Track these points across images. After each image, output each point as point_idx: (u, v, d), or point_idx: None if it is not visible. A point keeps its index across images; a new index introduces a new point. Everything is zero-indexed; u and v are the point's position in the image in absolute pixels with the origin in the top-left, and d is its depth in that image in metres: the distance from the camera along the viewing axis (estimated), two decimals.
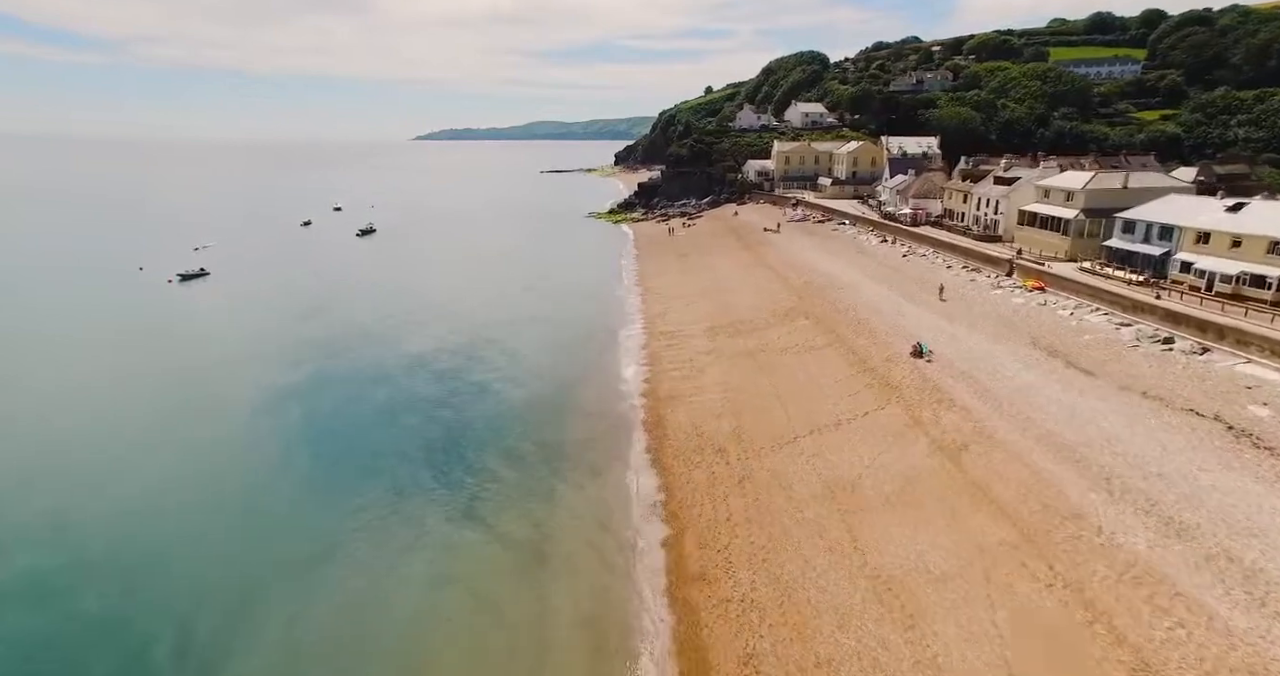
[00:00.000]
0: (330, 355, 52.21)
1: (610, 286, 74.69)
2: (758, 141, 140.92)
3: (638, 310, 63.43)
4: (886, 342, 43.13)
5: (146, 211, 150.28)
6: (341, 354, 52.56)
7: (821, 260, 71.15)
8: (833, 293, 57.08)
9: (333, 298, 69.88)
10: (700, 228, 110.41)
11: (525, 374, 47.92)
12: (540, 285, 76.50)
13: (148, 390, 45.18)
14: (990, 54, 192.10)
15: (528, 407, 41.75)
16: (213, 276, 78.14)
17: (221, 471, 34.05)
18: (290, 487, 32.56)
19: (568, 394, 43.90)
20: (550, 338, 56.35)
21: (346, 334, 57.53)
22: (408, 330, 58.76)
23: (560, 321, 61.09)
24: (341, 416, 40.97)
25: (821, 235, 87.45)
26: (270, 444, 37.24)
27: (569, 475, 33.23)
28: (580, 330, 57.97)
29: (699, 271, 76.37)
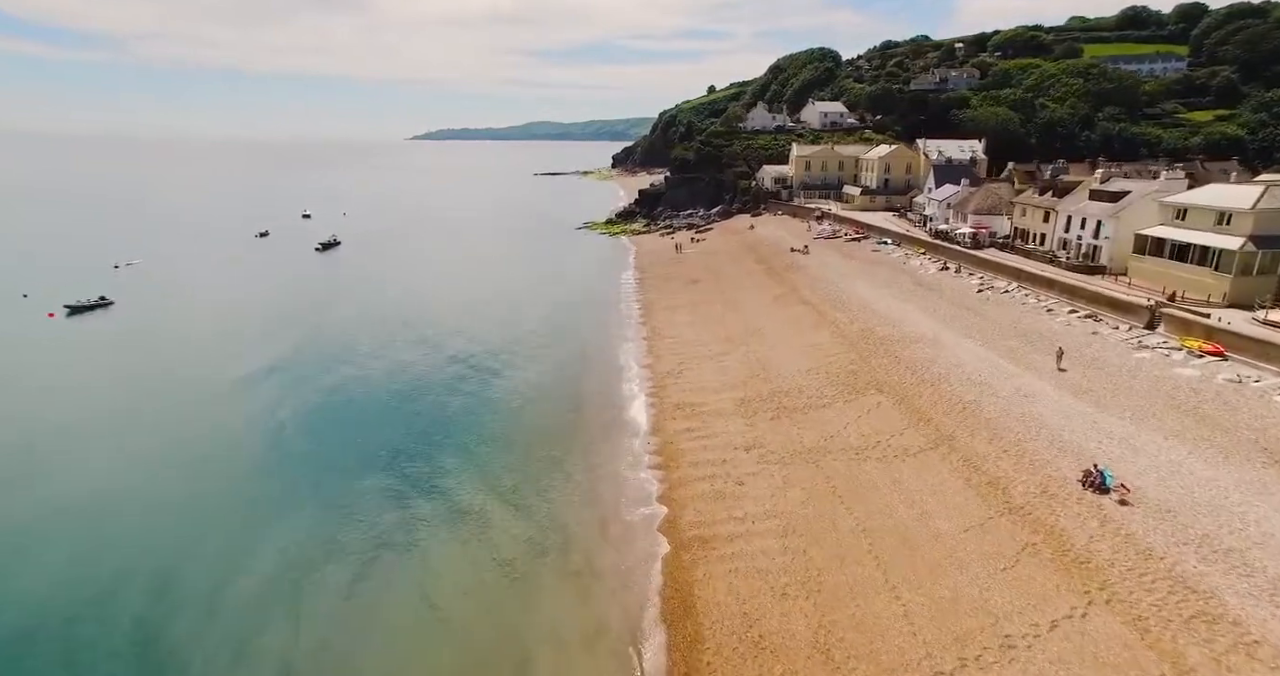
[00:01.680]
0: (207, 456, 37.67)
1: (606, 329, 60.15)
2: (772, 144, 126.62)
3: (643, 365, 48.92)
4: (1026, 451, 28.62)
5: (86, 216, 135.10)
6: (226, 453, 38.00)
7: (874, 295, 56.72)
8: (905, 349, 42.61)
9: (243, 351, 55.14)
10: (712, 244, 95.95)
11: (484, 502, 33.40)
12: (517, 328, 61.94)
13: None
14: (1018, 51, 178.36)
15: (481, 583, 26.71)
16: (116, 308, 63.40)
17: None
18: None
19: (546, 532, 29.41)
20: (523, 421, 41.80)
21: (244, 414, 42.98)
22: (319, 419, 44.07)
23: (540, 391, 46.49)
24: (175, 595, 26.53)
25: (861, 258, 73.02)
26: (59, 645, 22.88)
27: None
28: (564, 403, 43.42)
29: (717, 307, 61.89)
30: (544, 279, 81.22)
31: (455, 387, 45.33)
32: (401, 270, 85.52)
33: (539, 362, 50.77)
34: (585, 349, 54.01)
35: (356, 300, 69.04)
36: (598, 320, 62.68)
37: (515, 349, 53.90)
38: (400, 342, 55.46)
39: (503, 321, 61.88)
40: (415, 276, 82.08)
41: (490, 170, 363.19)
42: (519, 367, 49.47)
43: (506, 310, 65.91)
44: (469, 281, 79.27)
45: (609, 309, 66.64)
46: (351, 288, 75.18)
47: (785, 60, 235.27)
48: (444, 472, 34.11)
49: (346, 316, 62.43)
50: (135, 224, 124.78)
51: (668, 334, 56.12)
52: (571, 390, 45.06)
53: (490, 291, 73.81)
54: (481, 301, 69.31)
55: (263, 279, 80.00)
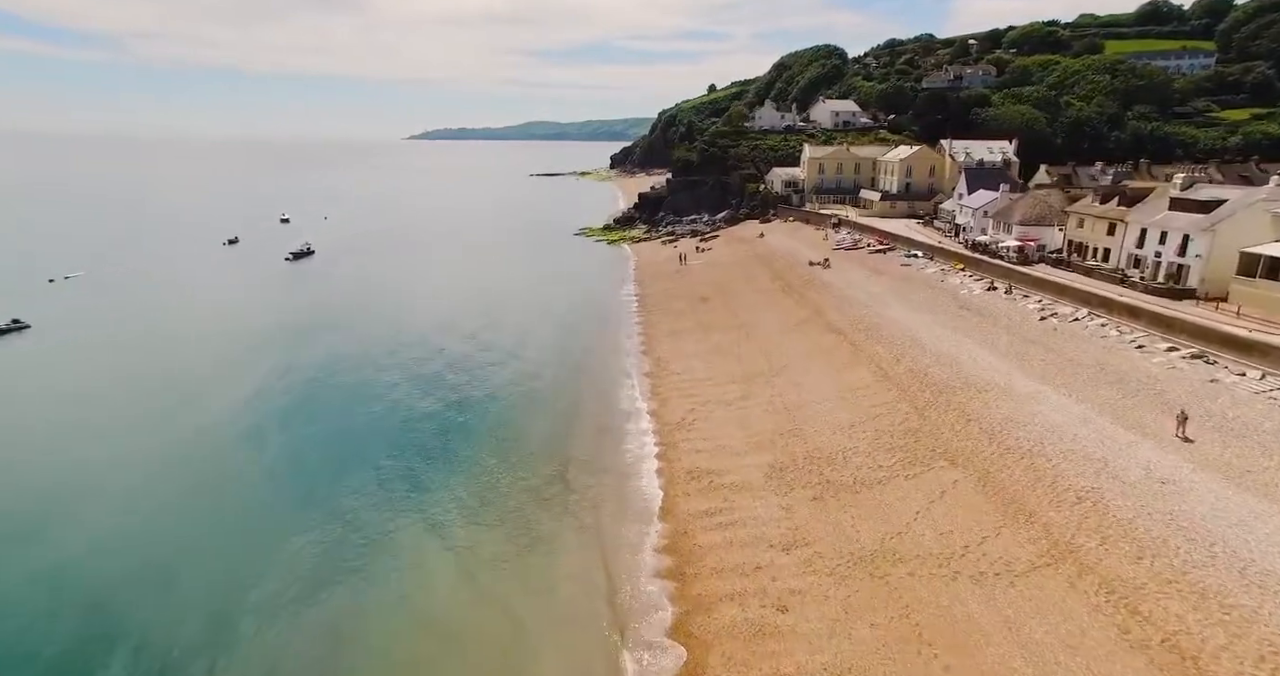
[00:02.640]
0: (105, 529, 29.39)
1: (602, 360, 51.89)
2: (782, 145, 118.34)
3: (647, 411, 40.71)
4: (1207, 589, 19.98)
5: (45, 217, 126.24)
6: (132, 520, 29.72)
7: (915, 321, 48.43)
8: (973, 399, 34.34)
9: (167, 394, 46.87)
10: (719, 254, 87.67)
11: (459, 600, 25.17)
12: (500, 359, 53.64)
13: None
14: (1034, 47, 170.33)
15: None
16: (31, 333, 54.92)
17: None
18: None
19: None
20: (498, 493, 33.55)
21: (159, 466, 34.68)
22: (237, 492, 35.80)
23: (522, 447, 38.24)
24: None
25: (891, 273, 64.76)
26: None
27: None
28: (551, 467, 35.10)
29: (731, 333, 53.59)
30: (534, 295, 72.91)
31: (418, 448, 37.03)
32: (373, 285, 76.99)
33: (523, 405, 42.47)
34: (578, 387, 45.68)
35: (315, 326, 60.57)
36: (593, 348, 54.36)
37: (495, 386, 45.58)
38: (349, 382, 47.09)
39: (484, 351, 53.54)
40: (387, 292, 73.59)
41: (485, 171, 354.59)
42: (498, 413, 41.16)
43: (490, 336, 57.55)
44: (449, 299, 70.86)
45: (606, 333, 58.34)
46: (314, 308, 66.72)
47: (790, 57, 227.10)
48: (372, 611, 25.84)
49: (296, 350, 53.93)
50: (98, 228, 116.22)
51: (674, 368, 47.81)
52: (559, 448, 36.72)
53: (473, 312, 65.44)
54: (462, 324, 60.96)
55: (216, 296, 71.54)
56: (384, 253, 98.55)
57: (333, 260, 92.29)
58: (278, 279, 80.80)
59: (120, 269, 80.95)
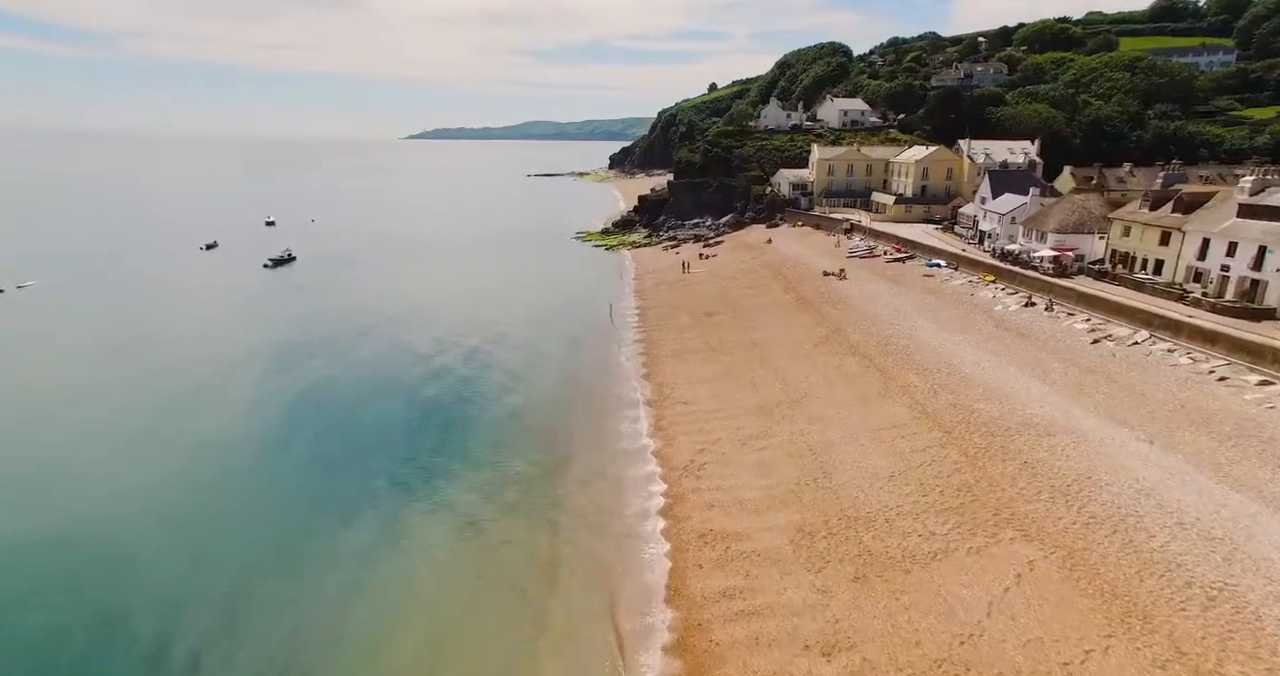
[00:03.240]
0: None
1: (599, 385, 46.55)
2: (789, 145, 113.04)
3: (649, 451, 35.39)
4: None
5: (11, 219, 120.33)
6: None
7: (949, 343, 43.14)
8: (1035, 445, 29.05)
9: (121, 427, 41.60)
10: (725, 261, 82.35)
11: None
12: (487, 380, 48.35)
13: None
14: (1045, 45, 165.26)
15: None
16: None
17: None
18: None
19: None
20: (465, 567, 28.30)
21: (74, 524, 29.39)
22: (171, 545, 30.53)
23: (502, 500, 32.97)
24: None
25: (913, 285, 59.47)
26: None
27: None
28: (537, 527, 29.77)
29: (742, 354, 48.23)
30: (526, 306, 67.58)
31: (391, 484, 31.70)
32: (352, 297, 71.36)
33: (511, 442, 37.12)
34: (572, 420, 40.32)
35: (282, 345, 55.19)
36: (590, 370, 49.00)
37: (479, 420, 40.25)
38: (308, 412, 41.73)
39: (468, 375, 48.21)
40: (367, 304, 68.02)
41: (482, 171, 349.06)
42: (481, 454, 35.83)
43: (475, 357, 52.20)
44: (433, 312, 65.43)
45: (604, 352, 52.98)
46: (286, 324, 61.28)
47: (793, 56, 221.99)
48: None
49: (258, 375, 48.58)
50: (67, 231, 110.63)
51: (680, 395, 42.50)
52: (547, 500, 31.40)
53: (458, 329, 60.07)
54: (445, 342, 55.60)
55: (180, 309, 66.10)
56: (369, 259, 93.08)
57: (314, 267, 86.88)
58: (253, 289, 75.36)
59: (79, 277, 75.50)
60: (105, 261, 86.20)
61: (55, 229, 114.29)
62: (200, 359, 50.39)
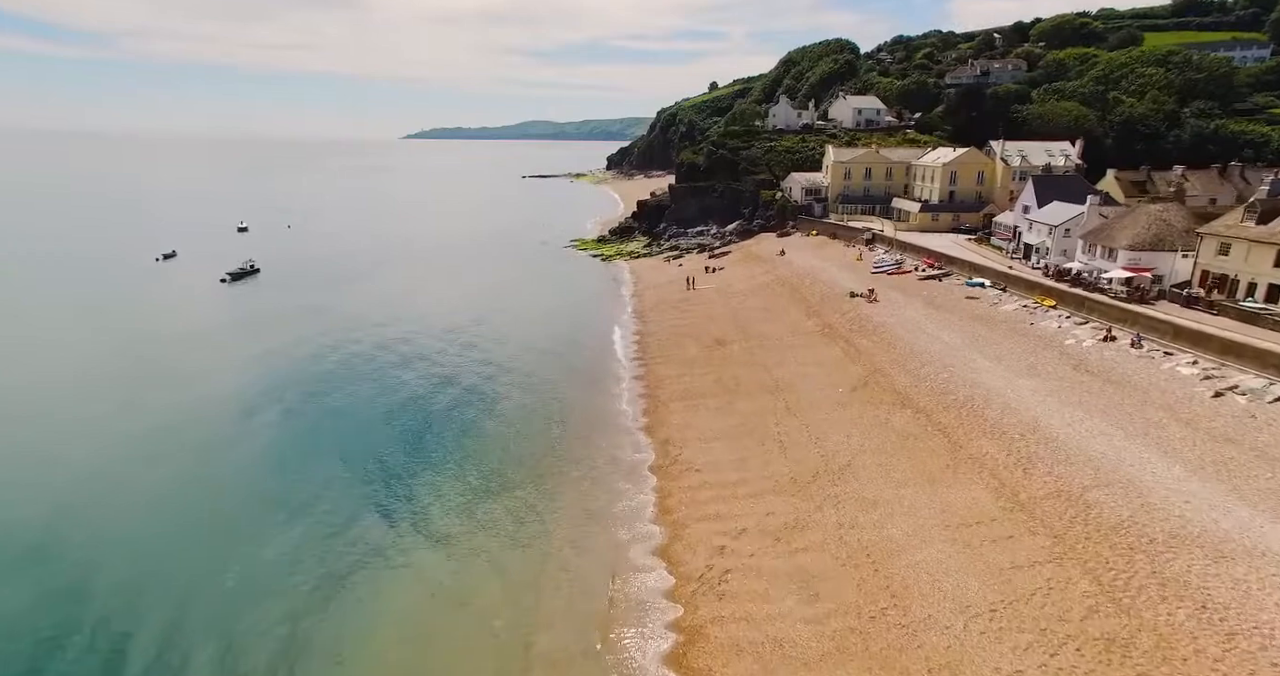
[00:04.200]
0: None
1: (589, 442, 38.29)
2: (800, 146, 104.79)
3: (651, 552, 27.15)
4: None
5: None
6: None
7: (1024, 394, 34.88)
8: (1206, 573, 20.81)
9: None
10: (734, 276, 74.11)
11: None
12: (450, 436, 40.13)
13: None
14: (1065, 40, 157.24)
15: None
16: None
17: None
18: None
19: None
20: None
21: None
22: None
23: (451, 626, 24.77)
24: None
25: (955, 309, 51.23)
26: None
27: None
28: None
29: (764, 399, 39.95)
30: (509, 331, 59.30)
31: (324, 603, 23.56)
32: (312, 319, 62.63)
33: (467, 566, 28.80)
34: (553, 503, 31.98)
35: (219, 381, 46.95)
36: (578, 418, 40.69)
37: (430, 509, 31.99)
38: (233, 473, 33.48)
39: (430, 427, 39.92)
40: (326, 330, 59.44)
41: (477, 172, 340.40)
42: (427, 564, 27.58)
43: (441, 401, 43.90)
44: (400, 341, 56.86)
45: (597, 394, 44.68)
46: (230, 353, 53.00)
47: (798, 53, 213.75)
48: None
49: (184, 422, 40.36)
50: (14, 236, 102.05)
51: (690, 457, 34.28)
52: (518, 639, 23.11)
53: (427, 362, 51.80)
54: (406, 383, 47.34)
55: (118, 334, 57.62)
56: (337, 273, 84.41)
57: (278, 282, 78.51)
58: (202, 308, 67.04)
59: (7, 294, 67.11)
60: (39, 273, 77.87)
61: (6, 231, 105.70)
62: (103, 405, 42.08)
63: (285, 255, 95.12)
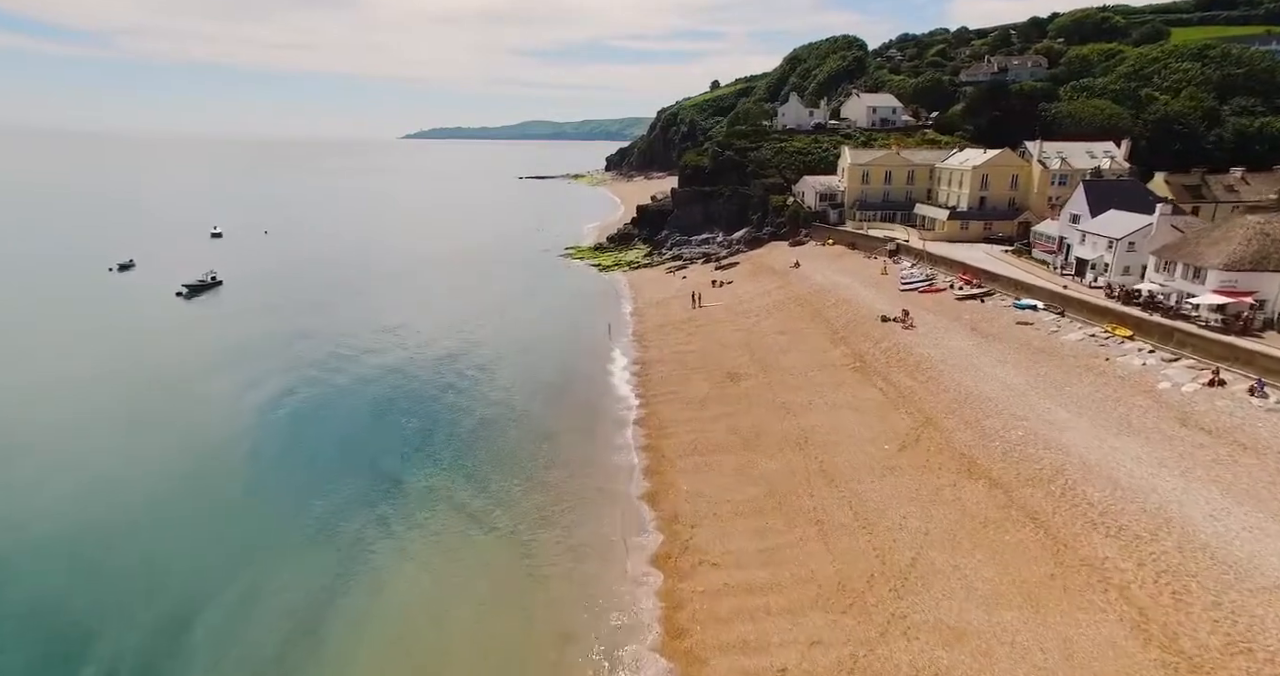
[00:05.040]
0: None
1: (576, 517, 30.87)
2: (812, 147, 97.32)
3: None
4: None
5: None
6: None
7: (1130, 462, 27.44)
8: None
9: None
10: (743, 290, 66.72)
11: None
12: (398, 512, 32.79)
13: None
14: (1086, 35, 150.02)
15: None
16: None
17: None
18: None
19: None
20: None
21: None
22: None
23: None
24: None
25: (1006, 337, 43.78)
26: None
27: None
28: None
29: (791, 457, 32.54)
30: (495, 360, 51.89)
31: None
32: (267, 346, 55.20)
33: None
34: (535, 606, 24.66)
35: (140, 431, 39.61)
36: (564, 486, 33.25)
37: (373, 600, 24.65)
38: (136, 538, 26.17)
39: (390, 482, 32.56)
40: (277, 361, 52.10)
41: (473, 172, 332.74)
42: None
43: (397, 453, 36.54)
44: (366, 381, 49.52)
45: (588, 450, 37.24)
46: (166, 387, 45.64)
47: (804, 50, 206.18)
48: None
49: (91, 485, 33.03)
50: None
51: (705, 545, 26.90)
52: None
53: (397, 405, 44.47)
54: (367, 441, 40.01)
55: (35, 363, 50.22)
56: (310, 286, 76.94)
57: (241, 296, 71.09)
58: (148, 328, 59.58)
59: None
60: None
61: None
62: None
63: (256, 264, 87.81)
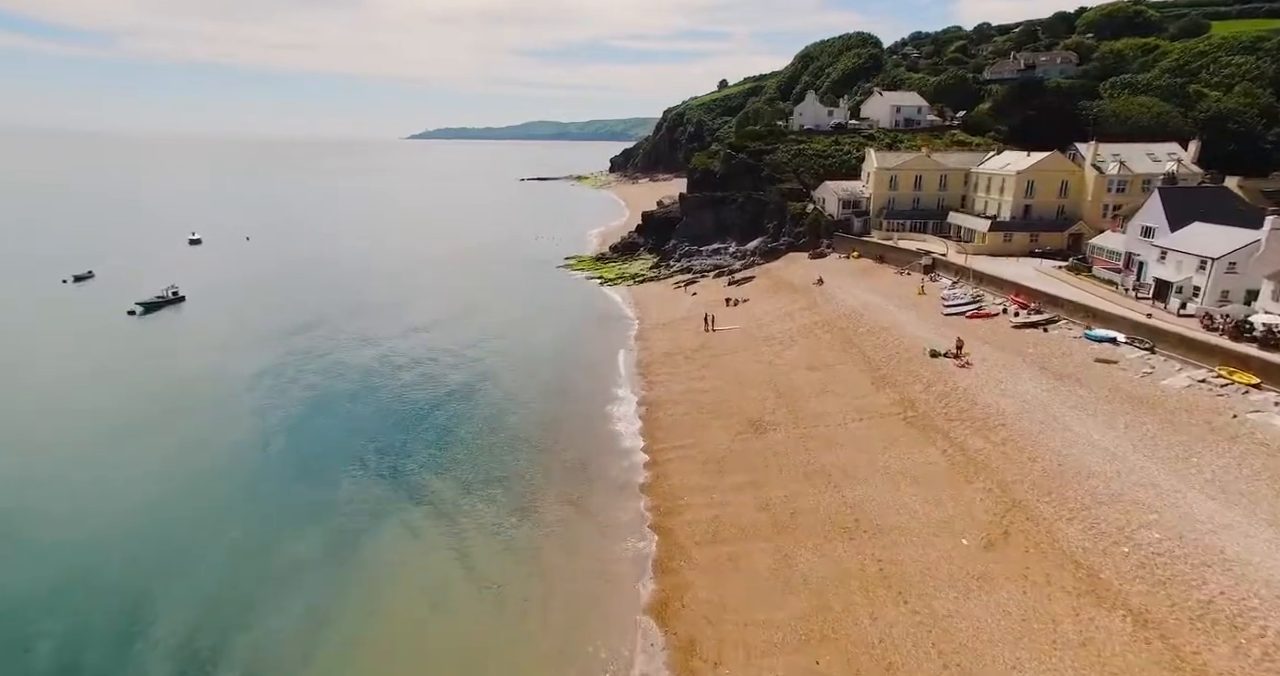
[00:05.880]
0: None
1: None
2: (832, 150, 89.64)
3: None
4: None
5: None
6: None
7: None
8: None
9: None
10: (762, 310, 59.20)
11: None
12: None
13: None
14: (1117, 30, 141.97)
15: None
16: None
17: None
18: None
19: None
20: None
21: None
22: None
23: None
24: None
25: (1083, 379, 36.07)
26: None
27: None
28: None
29: (837, 551, 24.96)
30: (478, 403, 44.52)
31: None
32: (210, 388, 47.92)
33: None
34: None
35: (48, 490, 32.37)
36: (557, 580, 25.85)
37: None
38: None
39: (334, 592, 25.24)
40: (225, 399, 44.94)
41: (474, 173, 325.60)
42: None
43: (364, 519, 29.19)
44: (318, 443, 42.37)
45: (583, 520, 29.82)
46: (88, 436, 38.42)
47: (815, 47, 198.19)
48: None
49: None
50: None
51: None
52: None
53: (360, 459, 37.18)
54: (315, 513, 32.71)
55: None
56: (283, 303, 69.52)
57: (202, 314, 63.98)
58: (87, 353, 52.38)
59: None
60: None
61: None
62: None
63: (230, 275, 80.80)
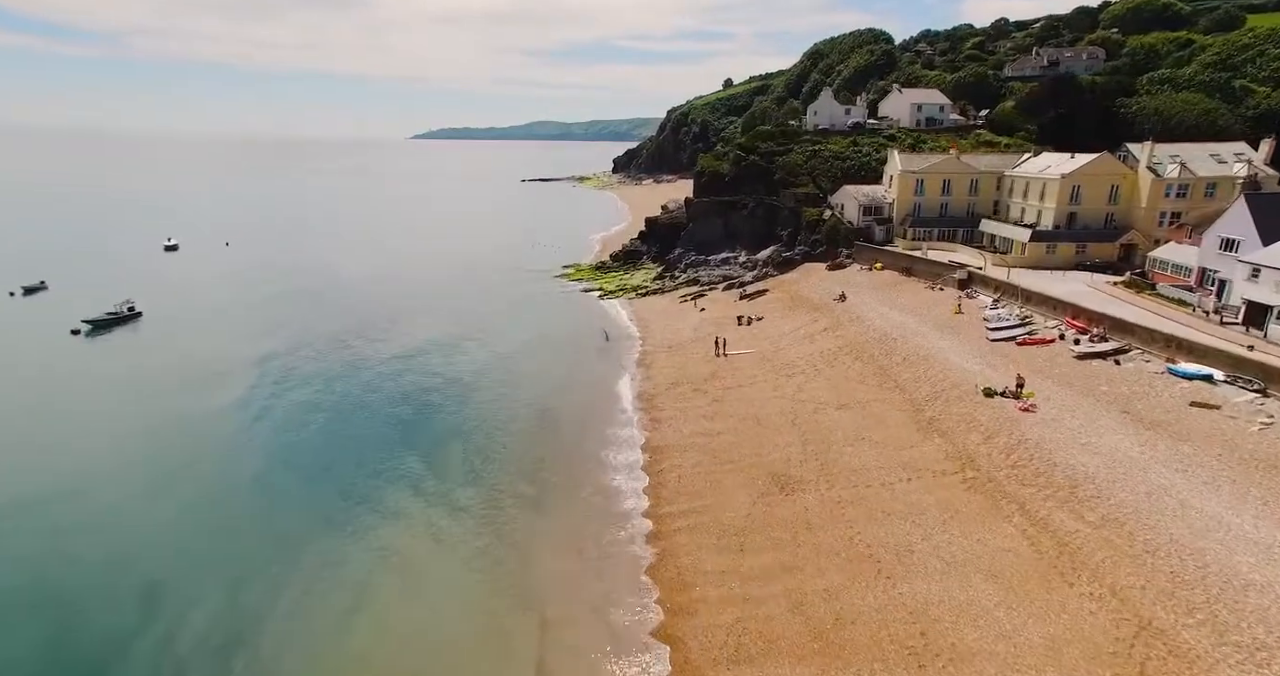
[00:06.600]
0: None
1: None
2: (849, 151, 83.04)
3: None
4: None
5: None
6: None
7: None
8: None
9: None
10: (778, 331, 52.74)
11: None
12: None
13: None
14: (1145, 24, 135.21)
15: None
16: None
17: None
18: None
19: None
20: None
21: None
22: None
23: None
24: None
25: (1179, 430, 29.59)
26: None
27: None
28: None
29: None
30: (457, 446, 38.20)
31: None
32: (164, 413, 42.00)
33: None
34: None
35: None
36: None
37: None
38: None
39: None
40: (162, 448, 38.75)
41: (475, 174, 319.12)
42: None
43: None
44: (270, 504, 36.14)
45: (577, 632, 23.48)
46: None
47: (825, 44, 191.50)
48: None
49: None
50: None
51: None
52: None
53: (321, 519, 30.93)
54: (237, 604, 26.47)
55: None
56: (251, 320, 63.26)
57: (158, 333, 57.77)
58: (12, 379, 46.17)
59: None
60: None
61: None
62: None
63: (199, 286, 74.76)
